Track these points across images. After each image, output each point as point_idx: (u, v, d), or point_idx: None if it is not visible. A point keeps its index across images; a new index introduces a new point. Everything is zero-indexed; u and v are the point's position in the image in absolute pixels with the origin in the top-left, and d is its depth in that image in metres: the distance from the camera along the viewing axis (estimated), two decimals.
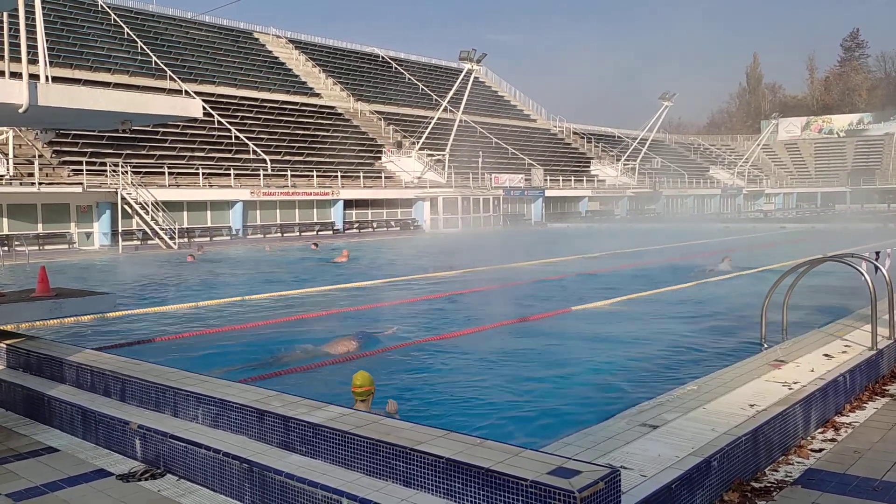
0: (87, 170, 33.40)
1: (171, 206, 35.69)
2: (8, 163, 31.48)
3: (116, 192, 33.28)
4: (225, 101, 47.22)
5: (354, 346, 10.09)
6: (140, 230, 34.09)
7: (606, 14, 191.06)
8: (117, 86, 39.00)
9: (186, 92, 42.36)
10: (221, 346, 10.60)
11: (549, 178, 58.69)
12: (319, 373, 8.82)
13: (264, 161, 42.17)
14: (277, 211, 41.92)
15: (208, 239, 36.88)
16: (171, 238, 33.71)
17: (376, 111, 58.15)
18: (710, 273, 18.38)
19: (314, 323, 12.45)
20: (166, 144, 39.78)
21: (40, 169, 32.08)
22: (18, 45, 7.96)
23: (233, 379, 6.47)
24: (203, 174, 38.32)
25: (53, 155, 34.72)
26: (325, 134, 50.21)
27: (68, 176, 33.52)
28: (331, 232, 43.32)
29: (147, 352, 9.66)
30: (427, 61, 73.31)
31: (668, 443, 4.57)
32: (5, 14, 7.93)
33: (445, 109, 52.61)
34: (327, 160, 46.77)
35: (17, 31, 7.55)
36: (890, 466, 4.92)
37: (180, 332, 11.53)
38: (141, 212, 33.82)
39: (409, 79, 66.06)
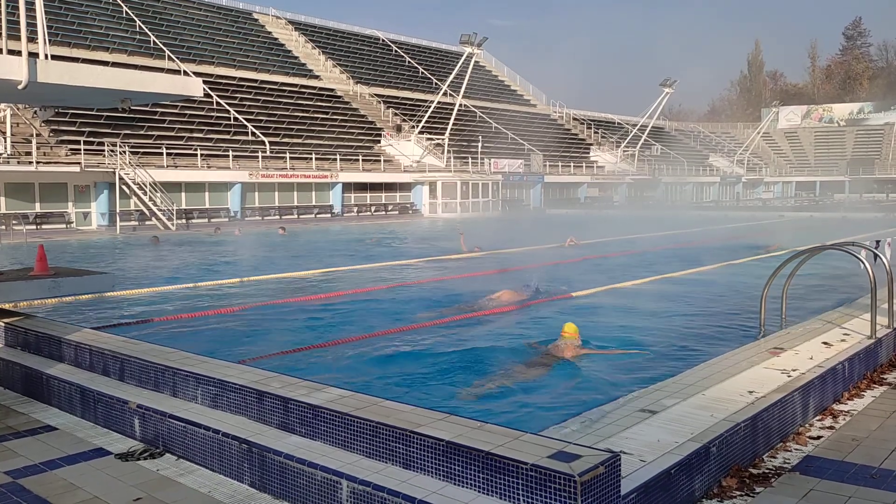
0: (84, 149, 33.28)
1: (169, 187, 35.57)
2: (6, 141, 31.33)
3: (114, 173, 33.16)
4: (224, 81, 46.98)
5: (521, 297, 12.22)
6: (138, 211, 34.01)
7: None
8: (115, 65, 38.68)
9: (185, 72, 42.08)
10: (221, 326, 10.60)
11: (548, 163, 58.59)
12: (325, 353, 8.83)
13: (263, 143, 42.02)
14: (276, 193, 41.84)
15: (207, 220, 36.82)
16: (169, 219, 33.64)
17: (376, 94, 57.89)
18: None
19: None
20: (164, 125, 39.61)
21: (38, 148, 31.94)
22: (17, 22, 7.88)
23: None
24: (201, 155, 38.20)
25: (51, 134, 34.56)
26: (325, 116, 50.01)
27: (66, 155, 33.39)
28: (329, 215, 43.27)
29: (145, 331, 9.65)
30: (427, 45, 72.91)
31: (668, 428, 4.57)
32: None
33: (445, 93, 52.38)
34: (326, 143, 46.61)
35: (16, 8, 7.48)
36: (887, 454, 4.93)
37: (178, 312, 11.52)
38: (139, 192, 33.71)
39: (409, 62, 65.73)
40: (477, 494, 3.77)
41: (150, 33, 46.64)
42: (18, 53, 6.57)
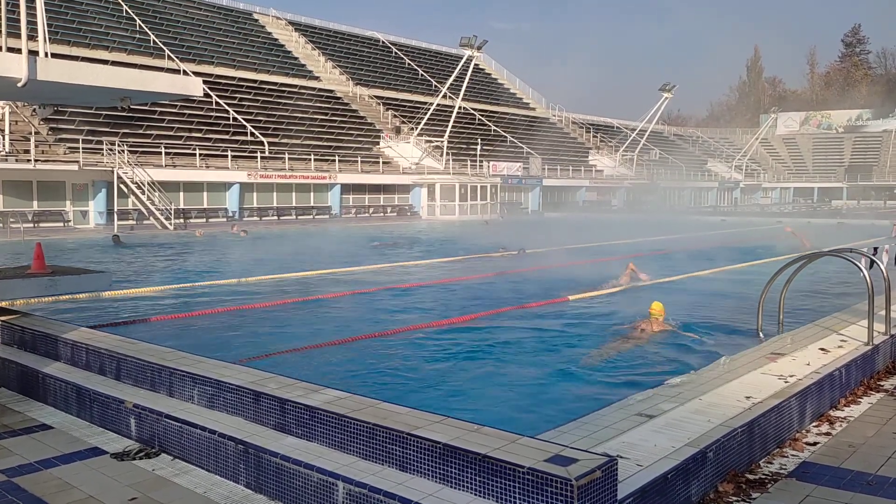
0: (83, 148, 33.23)
1: (168, 187, 35.55)
2: (4, 139, 31.30)
3: (112, 171, 33.14)
4: (223, 81, 46.95)
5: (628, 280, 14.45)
6: (136, 210, 33.97)
7: (609, 4, 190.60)
8: (115, 64, 38.63)
9: (184, 72, 42.06)
10: (218, 325, 10.58)
11: (546, 167, 58.61)
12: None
13: (262, 143, 42.00)
14: (274, 194, 41.82)
15: (205, 220, 36.80)
16: (167, 218, 33.60)
17: (375, 96, 57.90)
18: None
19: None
20: (163, 124, 39.57)
21: (36, 146, 31.91)
22: (18, 20, 7.87)
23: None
24: (200, 155, 38.16)
25: (50, 132, 34.51)
26: (324, 118, 50.00)
27: (64, 154, 33.35)
28: (327, 216, 43.26)
29: (142, 331, 9.63)
30: (427, 47, 72.97)
31: (665, 433, 4.57)
32: None
33: (445, 96, 52.40)
34: (325, 144, 46.60)
35: (17, 6, 7.47)
36: (884, 461, 4.93)
37: (176, 311, 11.51)
38: (137, 191, 33.68)
39: (408, 64, 65.76)
40: (473, 497, 3.77)
41: (150, 32, 46.61)
42: (18, 51, 6.57)
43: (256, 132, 42.72)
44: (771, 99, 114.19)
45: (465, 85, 50.86)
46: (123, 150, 34.11)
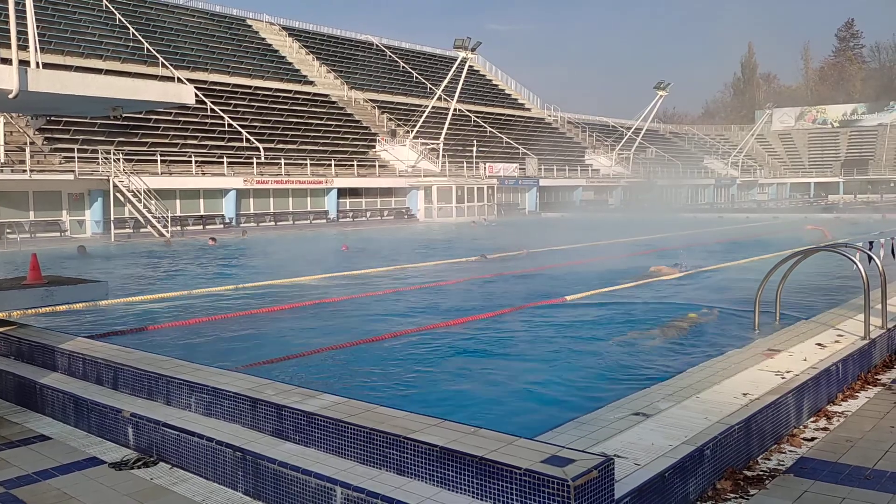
0: (78, 157, 33.18)
1: (164, 194, 35.50)
2: None
3: (108, 180, 33.09)
4: (218, 88, 46.95)
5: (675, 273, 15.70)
6: (132, 218, 33.93)
7: (605, 4, 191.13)
8: (109, 72, 38.69)
9: (179, 79, 42.07)
10: (214, 333, 10.58)
11: (543, 167, 58.64)
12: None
13: (257, 149, 41.99)
14: (271, 199, 41.79)
15: (202, 227, 36.75)
16: (164, 226, 33.57)
17: (370, 99, 57.90)
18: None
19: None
20: (158, 132, 39.54)
21: (31, 156, 31.87)
22: (8, 30, 7.87)
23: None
24: (196, 162, 38.15)
25: (45, 142, 34.48)
26: (319, 122, 50.00)
27: (60, 163, 33.31)
28: (324, 220, 43.24)
29: (139, 340, 9.63)
30: (422, 49, 72.99)
31: (662, 431, 4.57)
32: None
33: (440, 98, 52.40)
34: (321, 149, 46.60)
35: (7, 16, 7.46)
36: (881, 455, 4.94)
37: (171, 320, 11.49)
38: (133, 200, 33.64)
39: (403, 67, 65.77)
40: (471, 500, 3.77)
41: (143, 40, 46.57)
42: (9, 62, 6.55)
43: (252, 138, 42.72)
44: (766, 95, 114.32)
45: (459, 87, 50.87)
46: (119, 159, 34.08)
